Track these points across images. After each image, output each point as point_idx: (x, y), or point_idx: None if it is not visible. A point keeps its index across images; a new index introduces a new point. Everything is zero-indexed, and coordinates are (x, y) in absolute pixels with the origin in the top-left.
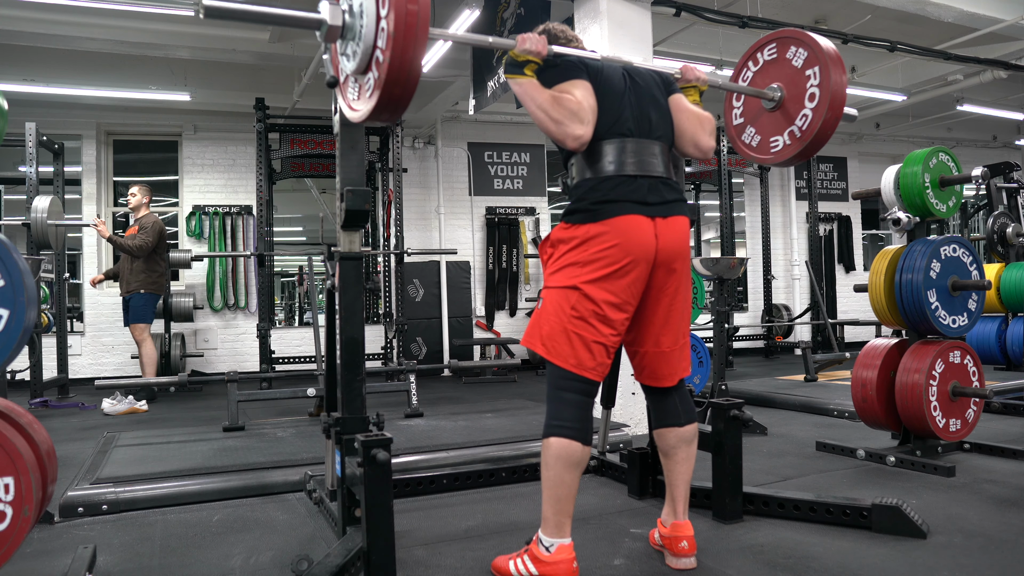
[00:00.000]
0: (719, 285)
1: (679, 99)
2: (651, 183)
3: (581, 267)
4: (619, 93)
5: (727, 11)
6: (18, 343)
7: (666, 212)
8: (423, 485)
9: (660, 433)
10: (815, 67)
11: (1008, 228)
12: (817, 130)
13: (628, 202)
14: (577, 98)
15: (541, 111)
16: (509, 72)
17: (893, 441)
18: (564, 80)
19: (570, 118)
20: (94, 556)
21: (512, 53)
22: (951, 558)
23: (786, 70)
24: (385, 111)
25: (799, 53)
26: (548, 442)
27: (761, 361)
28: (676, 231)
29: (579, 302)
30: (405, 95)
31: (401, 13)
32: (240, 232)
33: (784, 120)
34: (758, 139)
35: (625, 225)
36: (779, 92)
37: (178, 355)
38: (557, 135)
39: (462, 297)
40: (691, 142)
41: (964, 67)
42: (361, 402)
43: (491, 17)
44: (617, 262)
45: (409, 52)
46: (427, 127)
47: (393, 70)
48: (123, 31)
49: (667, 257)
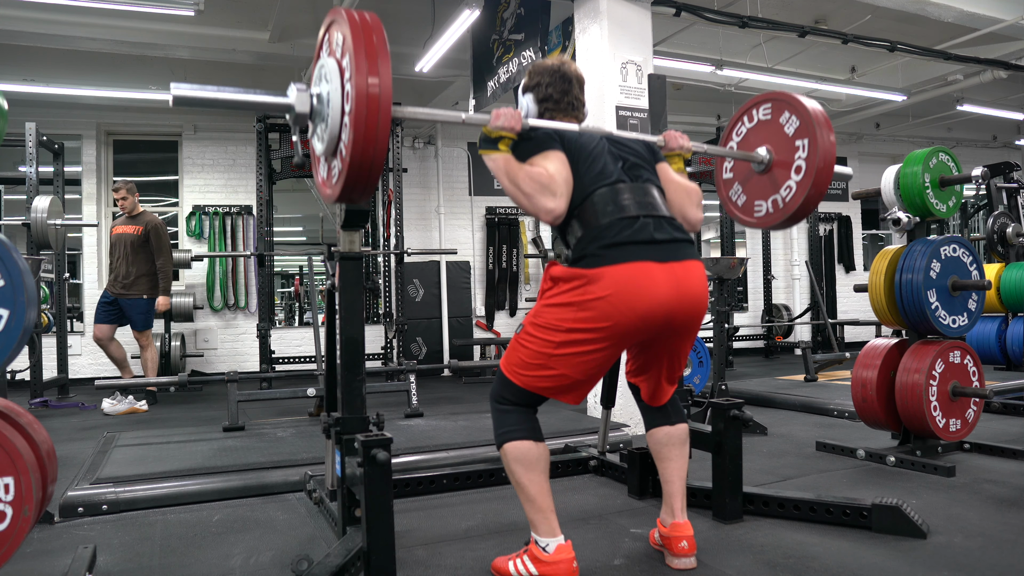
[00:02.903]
0: (719, 285)
1: (665, 169)
2: (656, 221)
3: (575, 311)
4: (600, 150)
5: (727, 11)
6: (18, 343)
7: (680, 254)
8: (423, 485)
9: (651, 434)
10: (804, 139)
11: (1008, 228)
12: (800, 204)
13: (635, 244)
14: (549, 172)
15: (513, 186)
16: (483, 148)
17: (893, 441)
18: (537, 153)
19: (541, 192)
20: (94, 556)
21: (485, 129)
22: (951, 558)
23: (778, 134)
24: (351, 196)
25: (791, 120)
26: (503, 451)
27: (761, 361)
28: (696, 284)
29: (565, 343)
30: (370, 183)
31: (362, 112)
32: (240, 232)
33: (770, 186)
34: (744, 199)
35: (631, 279)
36: (768, 156)
37: (178, 355)
38: (529, 210)
39: (462, 297)
40: (679, 215)
41: (964, 67)
42: (361, 402)
43: (491, 17)
44: (610, 325)
45: (370, 147)
46: (427, 127)
47: (355, 164)
48: (123, 31)
49: (685, 318)
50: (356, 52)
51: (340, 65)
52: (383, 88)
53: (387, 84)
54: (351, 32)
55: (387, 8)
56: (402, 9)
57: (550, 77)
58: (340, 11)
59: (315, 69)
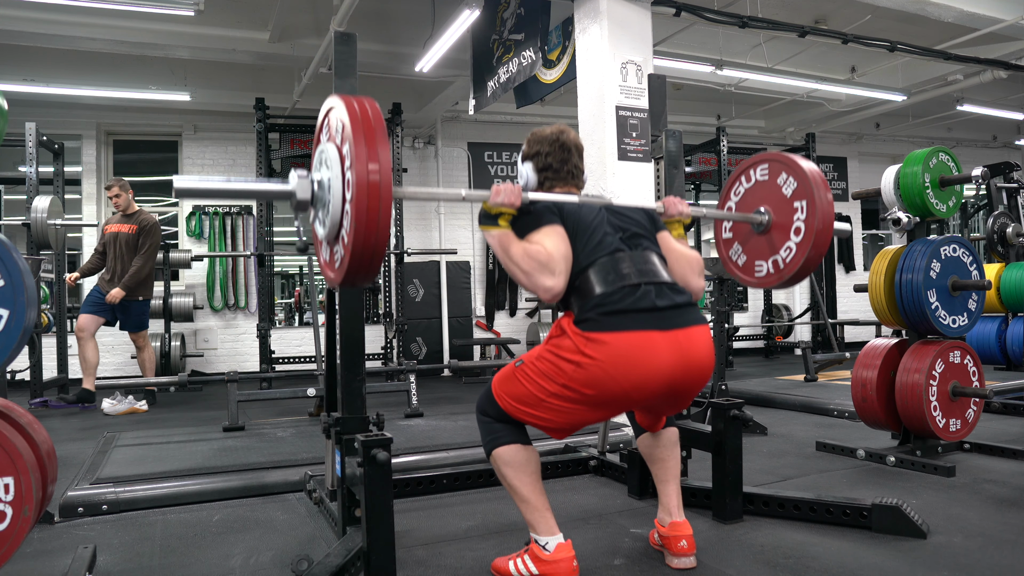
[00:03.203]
0: (719, 285)
1: (666, 238)
2: (657, 288)
3: (573, 369)
4: (599, 222)
5: (727, 11)
6: (18, 343)
7: (683, 320)
8: (423, 485)
9: (642, 438)
10: (803, 200)
11: (1008, 228)
12: (800, 266)
13: (637, 312)
14: (548, 250)
15: (512, 263)
16: (483, 224)
17: (893, 441)
18: (536, 228)
19: (539, 270)
20: (94, 556)
21: (485, 206)
22: (951, 558)
23: (775, 195)
24: (354, 282)
25: (789, 181)
26: (492, 457)
27: (761, 361)
28: (701, 352)
29: (557, 396)
30: (372, 269)
31: (363, 200)
32: (240, 232)
33: (769, 247)
34: (744, 259)
35: (631, 349)
36: (766, 216)
37: (178, 355)
38: (528, 287)
39: (462, 297)
40: (682, 284)
41: (964, 67)
42: (361, 402)
43: (491, 17)
44: (604, 393)
45: (372, 234)
46: (427, 127)
47: (357, 251)
48: (123, 31)
49: (689, 386)
50: (356, 139)
51: (340, 152)
52: (383, 176)
53: (387, 172)
54: (350, 119)
55: (387, 8)
56: (402, 9)
57: (549, 147)
58: (338, 98)
59: (315, 154)
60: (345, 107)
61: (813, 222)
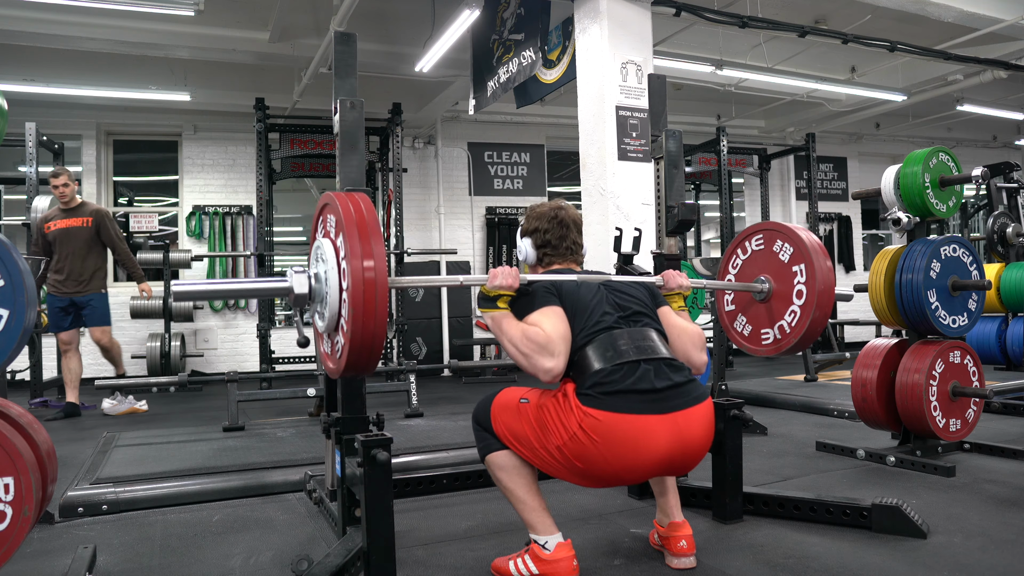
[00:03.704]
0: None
1: (667, 313)
2: (656, 366)
3: (568, 439)
4: (598, 300)
5: (727, 11)
6: (18, 343)
7: (682, 401)
8: (423, 485)
9: None
10: (800, 264)
11: (1008, 228)
12: (806, 328)
13: (635, 394)
14: (547, 332)
15: (511, 345)
16: (483, 307)
17: (893, 441)
18: (535, 309)
19: (539, 352)
20: (94, 556)
21: (484, 289)
22: (951, 558)
23: (773, 263)
24: (355, 371)
25: (785, 248)
26: (486, 462)
27: (761, 361)
28: (699, 433)
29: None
30: (372, 358)
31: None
32: (240, 232)
33: (772, 315)
34: (750, 329)
35: (625, 433)
36: (767, 284)
37: (178, 355)
38: (528, 368)
39: (462, 297)
40: (683, 359)
41: (964, 67)
42: (361, 402)
43: (491, 17)
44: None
45: (370, 323)
46: (427, 127)
47: (356, 340)
48: (123, 31)
49: (684, 464)
50: (349, 235)
51: (335, 246)
52: (378, 270)
53: (382, 266)
54: (344, 216)
55: (387, 8)
56: (402, 9)
57: (548, 223)
58: (332, 196)
59: (312, 250)
60: (338, 204)
61: (814, 285)
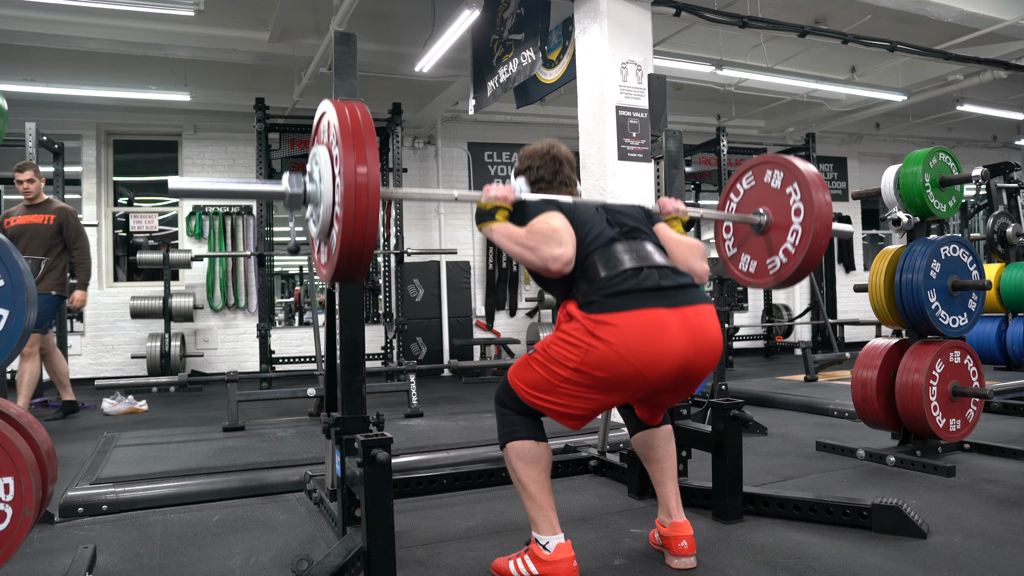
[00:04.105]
0: (719, 285)
1: (664, 229)
2: (660, 270)
3: (583, 354)
4: (596, 218)
5: (727, 11)
6: (18, 343)
7: (689, 298)
8: (423, 485)
9: (636, 437)
10: (793, 183)
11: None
12: (798, 265)
13: (642, 292)
14: (552, 224)
15: (516, 244)
16: (481, 222)
17: (893, 441)
18: (537, 215)
19: (545, 241)
20: (94, 556)
21: (481, 204)
22: (951, 558)
23: (767, 194)
24: (344, 277)
25: (775, 175)
26: (505, 450)
27: (761, 361)
28: (711, 331)
29: (570, 381)
30: (362, 265)
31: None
32: (240, 232)
33: (768, 248)
34: (755, 264)
35: (641, 327)
36: (765, 217)
37: (178, 355)
38: (537, 262)
39: (462, 297)
40: (685, 269)
41: (964, 67)
42: (361, 402)
43: (491, 17)
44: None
45: (360, 231)
46: (427, 127)
47: (345, 248)
48: (123, 31)
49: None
50: (344, 143)
51: (331, 154)
52: (371, 177)
53: (375, 173)
54: (339, 123)
55: (387, 8)
56: (402, 9)
57: (540, 160)
58: (331, 102)
59: (310, 156)
60: (336, 111)
61: (811, 222)
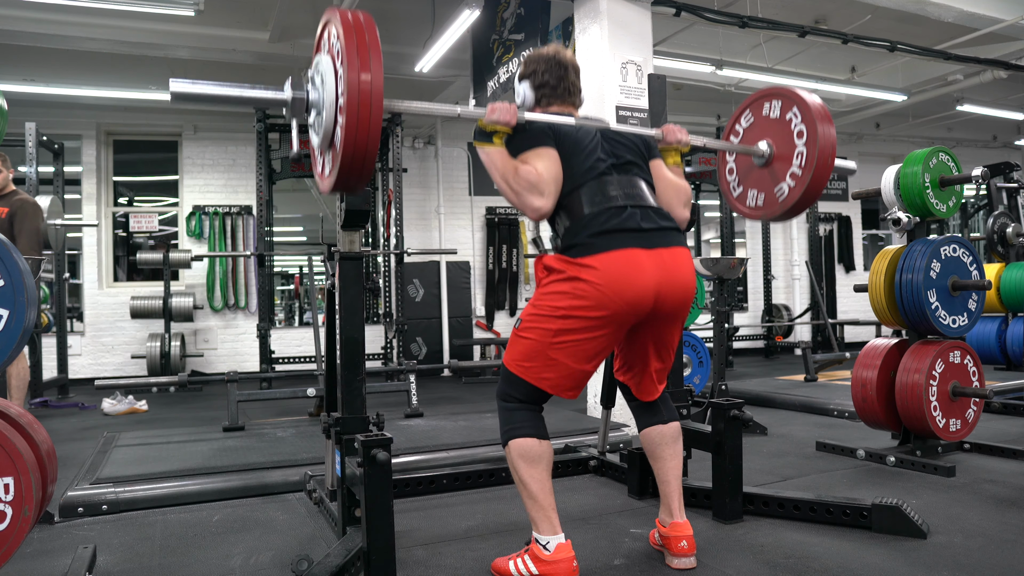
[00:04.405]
0: (719, 285)
1: (658, 166)
2: (643, 211)
3: (570, 299)
4: (593, 146)
5: (727, 11)
6: (18, 343)
7: (666, 241)
8: (423, 485)
9: (644, 434)
10: (804, 133)
11: (1008, 228)
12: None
13: (623, 232)
14: (538, 170)
15: (503, 181)
16: (478, 140)
17: (893, 441)
18: (529, 148)
19: (529, 190)
20: (94, 556)
21: (481, 123)
22: (951, 558)
23: (778, 128)
24: (345, 186)
25: (791, 114)
26: (508, 448)
27: (761, 361)
28: (682, 270)
29: (562, 331)
30: (364, 173)
31: (354, 104)
32: (240, 232)
33: (771, 179)
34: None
35: (619, 267)
36: (768, 150)
37: (178, 355)
38: (517, 205)
39: (462, 297)
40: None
41: (964, 67)
42: (361, 402)
43: (491, 17)
44: (602, 314)
45: (363, 137)
46: (427, 127)
47: (348, 154)
48: (123, 31)
49: (673, 303)
50: (348, 50)
51: (335, 62)
52: (374, 83)
53: (378, 79)
54: (344, 31)
55: (387, 8)
56: (402, 9)
57: (546, 64)
58: (335, 11)
59: (312, 65)
60: (340, 19)
61: (814, 153)
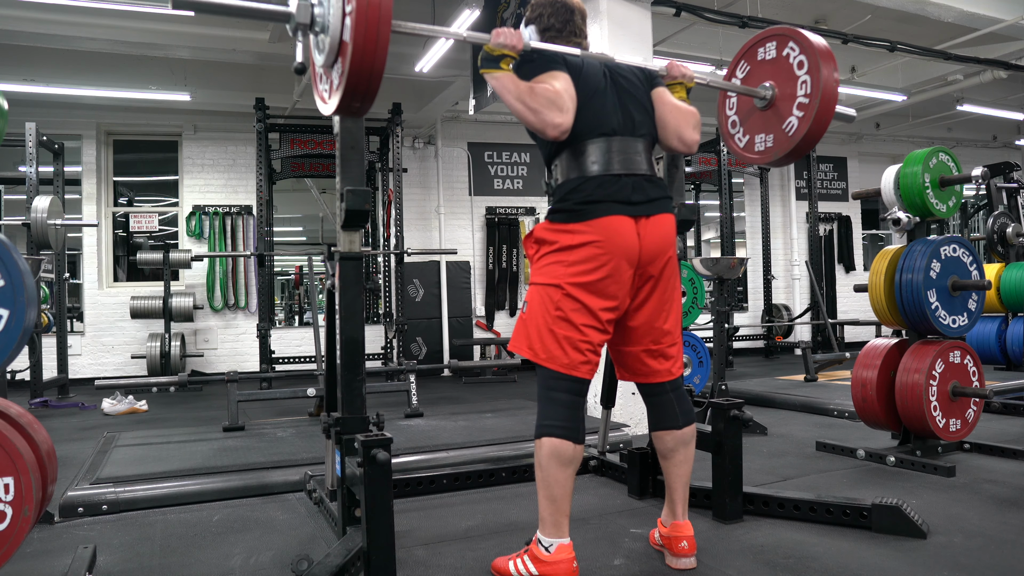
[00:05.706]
0: (719, 285)
1: (662, 92)
2: (636, 181)
3: (565, 267)
4: (600, 91)
5: (727, 11)
6: (18, 343)
7: (650, 211)
8: (423, 485)
9: (658, 436)
10: (788, 42)
11: (1008, 228)
12: (801, 138)
13: (612, 202)
14: (556, 87)
15: (519, 101)
16: (485, 67)
17: (893, 441)
18: (542, 72)
19: (548, 106)
20: (94, 556)
21: (487, 47)
22: (951, 558)
23: (767, 67)
24: (351, 104)
25: (795, 54)
26: (540, 442)
27: (761, 361)
28: (660, 230)
29: (563, 301)
30: (370, 91)
31: (363, 12)
32: (240, 232)
33: (773, 121)
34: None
35: (607, 226)
36: (770, 90)
37: (178, 355)
38: (536, 124)
39: (462, 297)
40: (675, 135)
41: (964, 67)
42: (361, 402)
43: (491, 17)
44: (601, 264)
45: (371, 48)
46: (427, 127)
47: (355, 69)
48: (123, 31)
49: (650, 257)
50: None
51: None
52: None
53: None
54: None
55: None
56: (402, 9)
57: (551, 8)
58: None
59: None
60: None
61: (816, 94)
